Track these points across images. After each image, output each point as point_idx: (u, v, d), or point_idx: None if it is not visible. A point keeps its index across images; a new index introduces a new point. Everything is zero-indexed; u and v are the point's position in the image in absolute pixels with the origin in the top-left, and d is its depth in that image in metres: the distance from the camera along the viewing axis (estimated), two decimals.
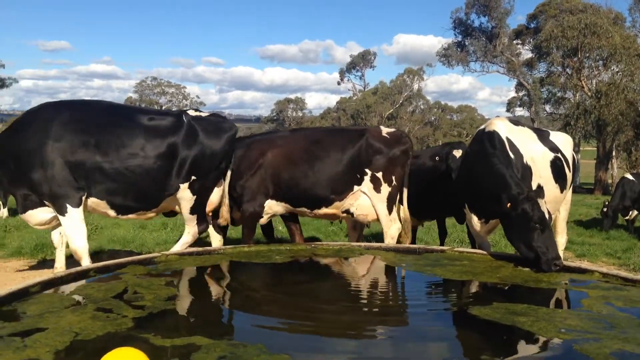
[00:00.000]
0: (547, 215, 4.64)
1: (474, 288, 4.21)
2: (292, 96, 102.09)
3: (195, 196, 6.19)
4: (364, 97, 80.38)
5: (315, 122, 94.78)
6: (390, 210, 6.89)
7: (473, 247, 7.03)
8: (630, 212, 13.57)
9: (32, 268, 8.00)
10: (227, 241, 7.36)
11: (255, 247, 5.30)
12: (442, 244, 8.47)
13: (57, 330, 2.94)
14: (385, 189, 6.81)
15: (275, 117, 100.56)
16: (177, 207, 6.34)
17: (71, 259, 6.12)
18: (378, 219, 6.95)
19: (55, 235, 6.49)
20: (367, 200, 6.87)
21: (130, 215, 6.16)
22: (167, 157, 5.95)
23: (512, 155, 5.39)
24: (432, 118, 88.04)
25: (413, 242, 9.23)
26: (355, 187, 6.85)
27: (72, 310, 3.32)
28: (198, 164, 6.10)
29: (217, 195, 6.47)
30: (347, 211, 7.00)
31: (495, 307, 3.45)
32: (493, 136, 5.48)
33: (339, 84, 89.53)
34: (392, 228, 6.91)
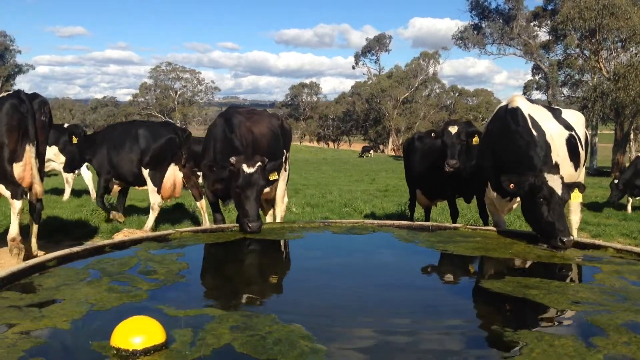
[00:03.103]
0: (560, 192, 4.59)
1: (486, 263, 4.21)
2: (307, 81, 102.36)
3: None
4: (379, 81, 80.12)
5: (330, 106, 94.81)
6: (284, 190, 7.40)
7: (486, 225, 7.01)
8: None
9: (47, 248, 8.10)
10: None
11: (268, 224, 5.34)
12: (454, 223, 8.45)
13: (73, 302, 2.99)
14: (286, 169, 7.46)
15: (290, 102, 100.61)
16: None
17: None
18: (273, 198, 7.45)
19: None
20: None
21: None
22: None
23: (534, 132, 5.30)
24: (448, 102, 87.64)
25: (427, 221, 9.23)
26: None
27: (88, 283, 3.38)
28: None
29: (19, 169, 6.64)
30: None
31: (507, 281, 3.45)
32: (516, 113, 5.37)
33: (353, 68, 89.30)
34: (282, 207, 7.51)
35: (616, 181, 13.62)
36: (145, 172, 9.07)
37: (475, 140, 7.20)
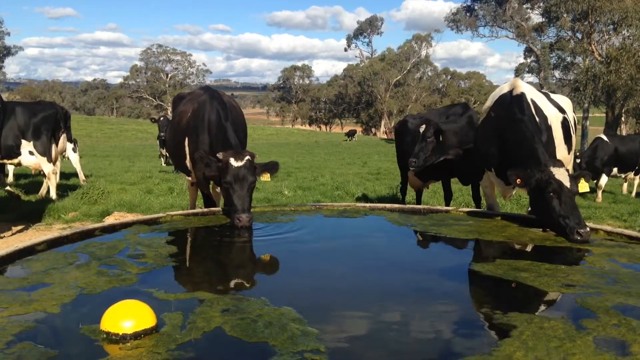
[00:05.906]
0: (569, 185, 4.48)
1: (478, 246, 4.21)
2: (299, 63, 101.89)
3: None
4: (371, 64, 79.88)
5: (323, 89, 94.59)
6: None
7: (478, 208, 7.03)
8: (601, 176, 13.38)
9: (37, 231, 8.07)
10: None
11: (260, 207, 5.32)
12: (447, 206, 8.46)
13: (63, 285, 2.97)
14: None
15: (282, 85, 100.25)
16: None
17: None
18: None
19: None
20: None
21: None
22: None
23: (538, 119, 5.24)
24: (440, 85, 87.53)
25: (418, 204, 9.24)
26: None
27: (77, 266, 3.35)
28: None
29: None
30: None
31: (499, 264, 3.46)
32: (522, 100, 5.27)
33: (346, 50, 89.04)
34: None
35: (578, 160, 13.34)
36: (31, 145, 9.83)
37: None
